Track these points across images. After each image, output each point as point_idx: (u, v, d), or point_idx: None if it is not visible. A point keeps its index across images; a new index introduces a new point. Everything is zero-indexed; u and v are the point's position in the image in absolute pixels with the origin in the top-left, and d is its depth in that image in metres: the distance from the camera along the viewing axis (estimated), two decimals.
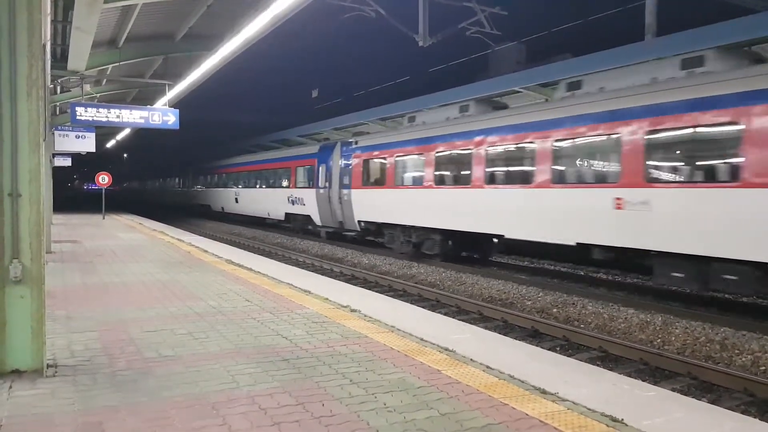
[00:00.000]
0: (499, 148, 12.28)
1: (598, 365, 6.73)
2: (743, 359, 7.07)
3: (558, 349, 7.74)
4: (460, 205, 13.29)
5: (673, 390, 5.93)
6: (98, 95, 16.30)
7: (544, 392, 3.94)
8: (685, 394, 5.65)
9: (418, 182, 14.82)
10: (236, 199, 29.53)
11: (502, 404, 3.71)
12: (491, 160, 12.55)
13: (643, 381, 6.14)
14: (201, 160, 38.88)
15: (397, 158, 15.63)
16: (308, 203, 20.93)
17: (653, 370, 6.88)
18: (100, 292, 7.61)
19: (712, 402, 5.66)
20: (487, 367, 4.51)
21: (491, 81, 15.54)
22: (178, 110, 13.28)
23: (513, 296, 10.86)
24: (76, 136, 18.31)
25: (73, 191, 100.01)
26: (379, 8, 13.96)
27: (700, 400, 5.45)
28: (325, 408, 3.60)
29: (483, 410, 3.60)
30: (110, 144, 32.64)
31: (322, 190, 19.73)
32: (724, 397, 6.02)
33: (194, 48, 12.31)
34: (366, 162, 17.11)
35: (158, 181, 53.16)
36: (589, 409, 3.63)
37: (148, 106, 13.80)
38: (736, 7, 12.65)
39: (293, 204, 22.40)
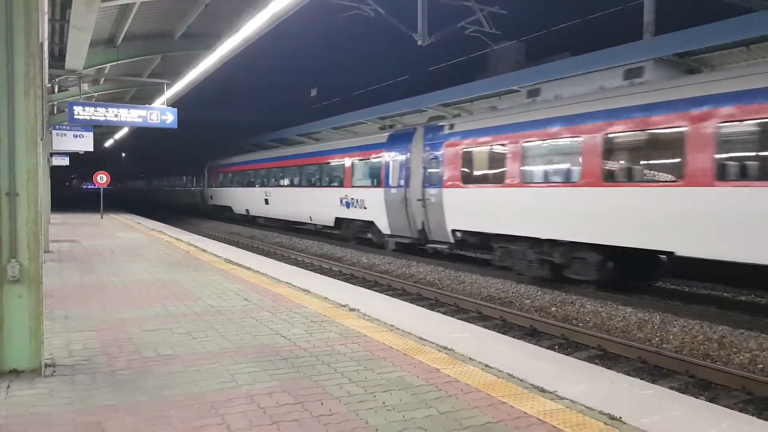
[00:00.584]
0: (752, 125, 8.11)
1: (596, 364, 6.73)
2: (741, 357, 7.08)
3: (556, 347, 7.75)
4: (659, 212, 9.07)
5: (671, 388, 5.94)
6: (96, 94, 16.26)
7: (542, 390, 3.94)
8: (683, 392, 5.67)
9: (568, 178, 10.54)
10: (266, 200, 24.80)
11: (500, 402, 3.71)
12: (727, 144, 8.41)
13: (642, 379, 6.15)
14: (218, 155, 34.30)
15: (528, 145, 11.34)
16: (371, 206, 16.60)
17: (651, 369, 6.89)
18: (99, 292, 7.60)
19: (710, 400, 5.69)
20: (486, 365, 4.51)
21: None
22: (176, 109, 13.27)
23: (512, 295, 10.87)
24: (74, 136, 18.29)
25: (71, 190, 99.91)
26: (377, 7, 13.96)
27: (698, 398, 5.47)
28: (324, 407, 3.60)
29: (482, 408, 3.61)
30: (108, 143, 32.56)
31: (393, 190, 15.38)
32: (722, 395, 6.03)
33: (192, 47, 12.28)
34: (468, 152, 12.92)
35: (165, 180, 47.44)
36: (587, 408, 3.64)
37: (147, 105, 13.78)
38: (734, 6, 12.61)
39: (348, 207, 17.95)
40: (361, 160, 17.45)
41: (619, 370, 6.48)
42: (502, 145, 11.99)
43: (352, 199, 17.70)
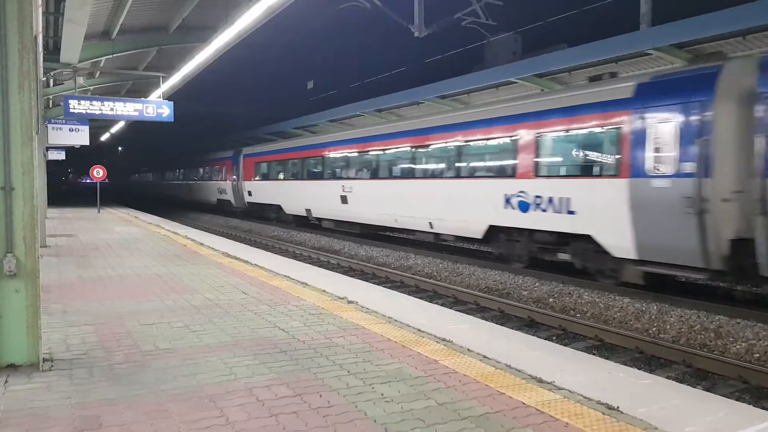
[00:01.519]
0: None
1: (594, 354, 6.75)
2: (737, 347, 7.12)
3: (554, 338, 7.78)
4: None
5: (669, 378, 5.97)
6: (92, 88, 16.20)
7: (540, 381, 3.96)
8: (681, 382, 5.69)
9: None
10: (344, 197, 17.77)
11: (499, 393, 3.72)
12: None
13: (639, 369, 6.18)
14: (257, 140, 28.92)
15: None
16: (588, 209, 9.97)
17: (649, 359, 6.92)
18: (96, 286, 7.59)
19: (707, 389, 5.72)
20: (484, 356, 4.52)
21: None
22: (172, 102, 13.23)
23: (510, 286, 10.88)
24: (69, 129, 18.21)
25: (68, 185, 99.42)
26: None
27: (695, 387, 5.49)
28: (323, 399, 3.61)
29: (480, 399, 3.62)
30: (105, 137, 32.42)
31: (658, 182, 8.78)
32: (718, 385, 6.07)
33: (188, 39, 12.23)
34: None
35: (179, 172, 40.47)
36: (585, 398, 3.65)
37: (143, 99, 13.73)
38: None
39: (524, 209, 11.25)
40: (565, 131, 10.54)
41: (617, 360, 6.51)
42: None
43: (538, 196, 11.02)
